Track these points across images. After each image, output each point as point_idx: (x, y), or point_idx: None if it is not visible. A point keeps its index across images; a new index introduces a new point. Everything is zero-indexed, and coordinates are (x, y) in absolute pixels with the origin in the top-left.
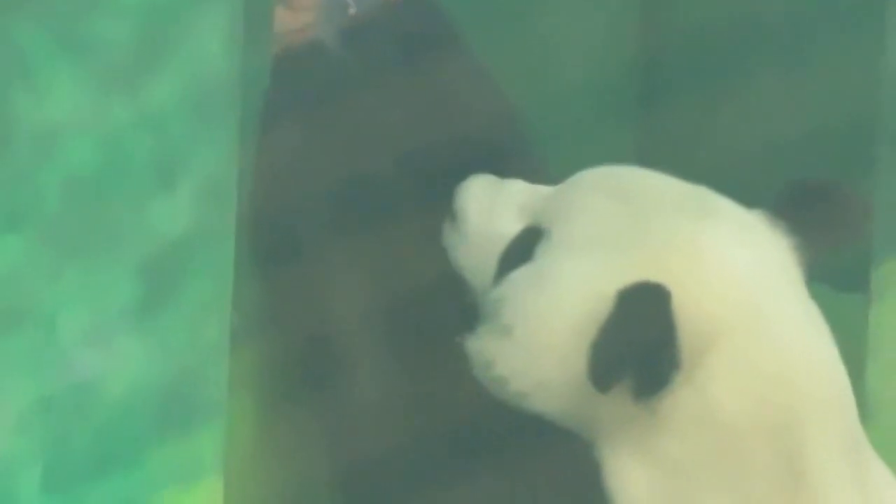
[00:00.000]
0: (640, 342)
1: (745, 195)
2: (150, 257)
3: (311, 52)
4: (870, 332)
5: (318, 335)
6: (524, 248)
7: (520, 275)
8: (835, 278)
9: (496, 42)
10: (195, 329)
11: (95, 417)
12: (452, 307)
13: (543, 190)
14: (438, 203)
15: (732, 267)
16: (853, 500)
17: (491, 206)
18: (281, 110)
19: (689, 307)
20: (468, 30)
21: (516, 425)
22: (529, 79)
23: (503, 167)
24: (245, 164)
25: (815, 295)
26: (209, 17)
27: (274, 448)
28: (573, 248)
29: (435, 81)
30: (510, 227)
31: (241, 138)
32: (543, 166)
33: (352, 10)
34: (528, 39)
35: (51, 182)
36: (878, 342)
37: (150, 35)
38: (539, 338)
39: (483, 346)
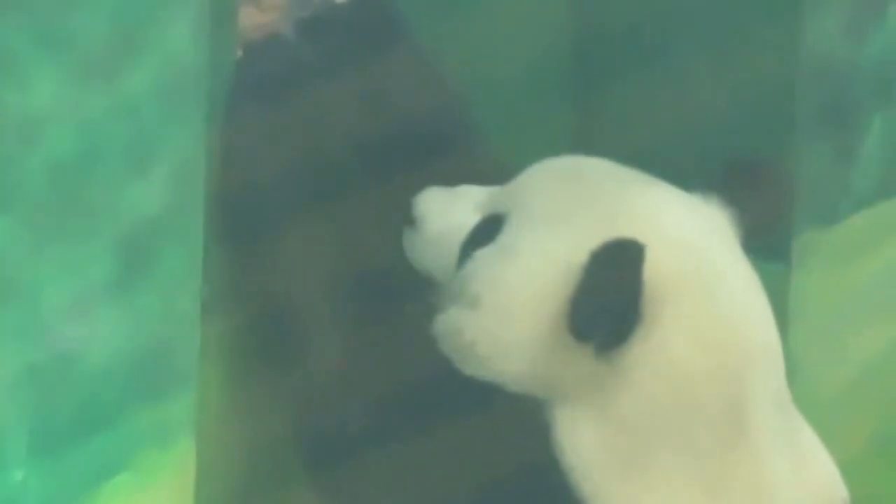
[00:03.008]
0: (616, 293)
1: (678, 173)
2: (125, 235)
3: (273, 45)
4: (790, 299)
5: (281, 306)
6: (486, 232)
7: (484, 252)
8: (758, 249)
9: (440, 32)
10: (168, 301)
11: (77, 384)
12: (406, 280)
13: (495, 189)
14: (391, 182)
15: (681, 230)
16: (785, 453)
17: (448, 207)
18: (244, 99)
19: (648, 265)
20: (414, 21)
21: (468, 390)
22: (471, 67)
23: (450, 151)
24: (213, 148)
25: None
26: (179, 14)
27: (242, 410)
28: (533, 224)
29: (385, 71)
30: (469, 219)
31: (209, 125)
32: (488, 150)
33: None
34: (470, 30)
35: (34, 167)
36: (798, 309)
37: (124, 31)
38: (505, 305)
39: (451, 318)
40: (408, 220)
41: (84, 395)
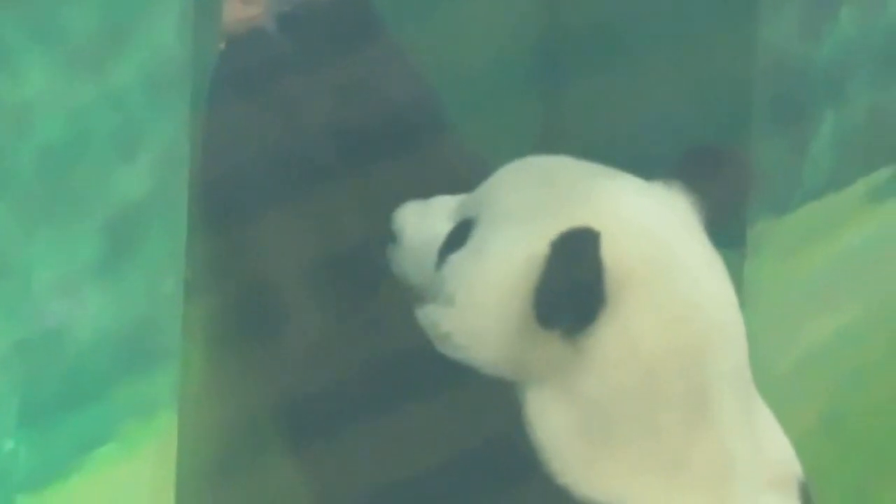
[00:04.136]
0: (576, 279)
1: (641, 164)
2: (112, 218)
3: (255, 39)
4: (745, 285)
5: (260, 286)
6: (458, 238)
7: (457, 256)
8: (714, 236)
9: (413, 30)
10: (152, 281)
11: (65, 359)
12: (378, 260)
13: (465, 196)
14: (366, 170)
15: (644, 216)
16: (745, 434)
17: (424, 220)
18: (227, 90)
19: (610, 251)
20: (389, 18)
21: (444, 368)
22: (443, 63)
23: (423, 140)
24: (196, 136)
25: None
26: (165, 8)
27: (222, 384)
28: (499, 225)
29: (361, 65)
30: (443, 228)
31: (193, 114)
32: (460, 140)
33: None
34: (441, 28)
35: (26, 153)
36: (752, 294)
37: (112, 25)
38: (478, 300)
39: (430, 314)
40: (389, 236)
41: (72, 369)
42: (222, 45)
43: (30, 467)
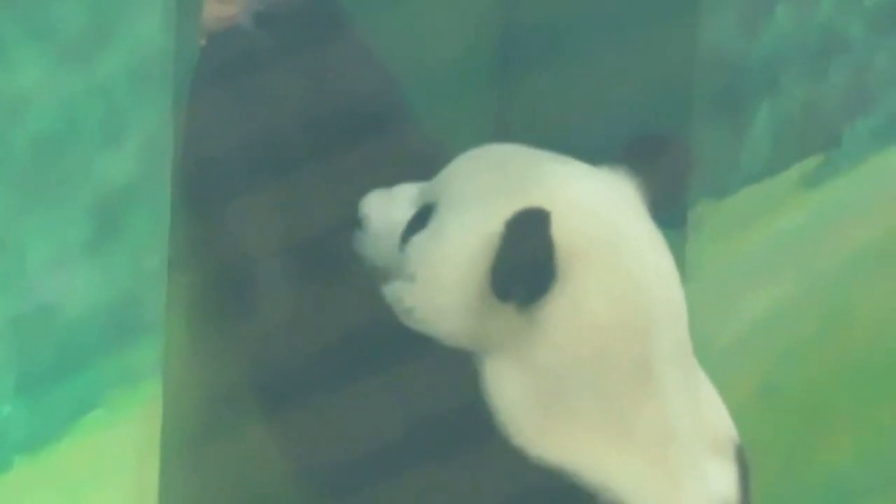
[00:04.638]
0: (528, 255)
1: (590, 152)
2: (100, 201)
3: (233, 35)
4: (686, 263)
5: (237, 265)
6: (420, 221)
7: (418, 237)
8: (658, 216)
9: (378, 27)
10: (137, 259)
11: (57, 332)
12: (345, 244)
13: (426, 183)
14: (336, 156)
15: (592, 198)
16: (687, 402)
17: (388, 205)
18: (207, 82)
19: (560, 230)
20: (357, 16)
21: (408, 340)
22: (406, 58)
23: (389, 128)
24: (178, 125)
25: None
26: (149, 6)
27: (203, 355)
28: (457, 207)
29: (331, 59)
30: (406, 214)
31: (175, 105)
32: (421, 127)
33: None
34: (404, 26)
35: (20, 140)
36: (693, 272)
37: (100, 21)
38: (438, 277)
39: (395, 291)
40: (355, 222)
41: (63, 341)
42: (202, 42)
43: (26, 430)
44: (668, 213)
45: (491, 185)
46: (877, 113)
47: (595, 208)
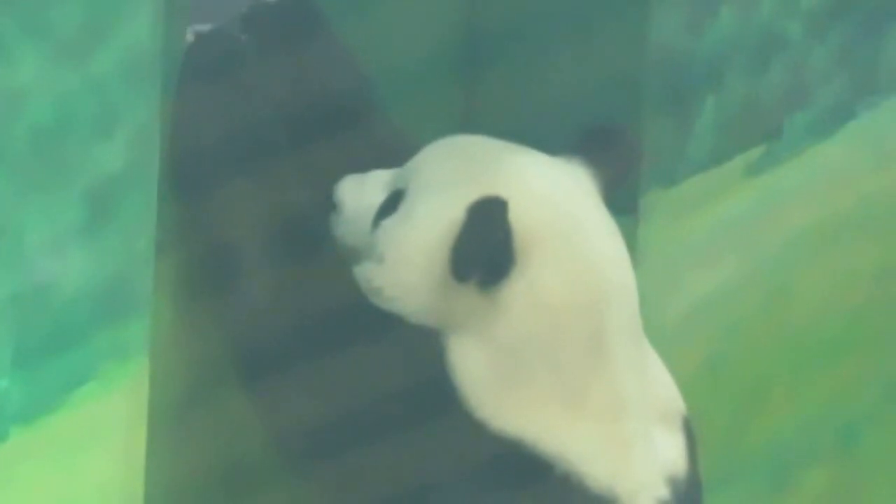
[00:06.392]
0: (486, 240)
1: (547, 142)
2: (93, 188)
3: (217, 34)
4: (637, 247)
5: (219, 248)
6: (390, 205)
7: (388, 221)
8: (610, 203)
9: (351, 28)
10: (128, 242)
11: (52, 309)
12: (320, 226)
13: (397, 170)
14: (313, 148)
15: (548, 186)
16: (637, 375)
17: (361, 190)
18: (193, 78)
19: (517, 217)
20: (332, 17)
21: (378, 319)
22: (376, 57)
23: (361, 122)
24: (166, 118)
25: None
26: (140, 8)
27: (188, 331)
28: (425, 192)
29: (308, 57)
30: (378, 198)
31: (164, 99)
32: (392, 122)
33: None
34: (375, 26)
35: (18, 131)
36: (643, 255)
37: (94, 20)
38: (405, 258)
39: (365, 271)
40: (329, 206)
41: (57, 318)
42: (189, 40)
43: (22, 402)
44: (621, 201)
45: (456, 173)
46: (813, 107)
47: (551, 196)
